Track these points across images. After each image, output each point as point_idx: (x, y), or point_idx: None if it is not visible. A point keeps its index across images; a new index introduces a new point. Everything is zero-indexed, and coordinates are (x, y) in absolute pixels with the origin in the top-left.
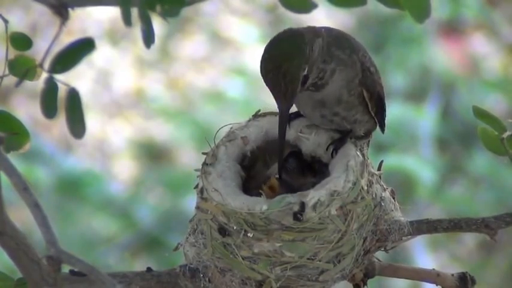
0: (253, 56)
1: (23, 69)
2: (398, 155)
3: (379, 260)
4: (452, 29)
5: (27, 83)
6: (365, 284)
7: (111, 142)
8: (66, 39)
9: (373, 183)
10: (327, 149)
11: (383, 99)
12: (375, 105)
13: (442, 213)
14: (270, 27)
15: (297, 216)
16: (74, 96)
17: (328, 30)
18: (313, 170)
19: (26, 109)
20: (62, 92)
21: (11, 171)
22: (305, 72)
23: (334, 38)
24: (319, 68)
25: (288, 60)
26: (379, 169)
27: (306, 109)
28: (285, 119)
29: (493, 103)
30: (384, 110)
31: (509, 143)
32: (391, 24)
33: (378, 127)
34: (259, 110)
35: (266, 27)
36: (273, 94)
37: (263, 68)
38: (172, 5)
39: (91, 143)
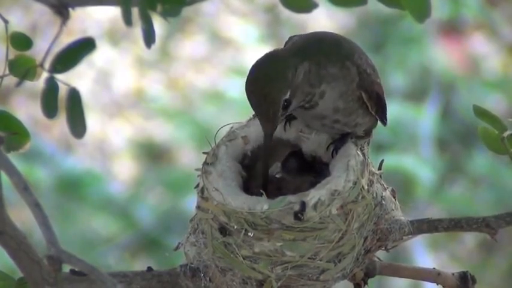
0: (253, 56)
1: (23, 69)
2: (397, 155)
3: (379, 259)
4: (452, 29)
5: (27, 83)
6: (366, 283)
7: (111, 142)
8: (66, 39)
9: (373, 182)
10: (327, 149)
11: (382, 97)
12: (374, 105)
13: (442, 213)
14: (269, 28)
15: (298, 215)
16: (74, 96)
17: (319, 40)
18: (314, 169)
19: (26, 109)
20: (62, 91)
21: (11, 171)
22: (287, 96)
23: (325, 53)
24: (305, 92)
25: (269, 83)
26: (379, 168)
27: (305, 118)
28: (269, 141)
29: (493, 103)
30: (385, 106)
31: (509, 142)
32: (391, 24)
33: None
34: None
35: (266, 28)
36: (257, 116)
37: (246, 89)
38: (172, 5)
39: (91, 143)
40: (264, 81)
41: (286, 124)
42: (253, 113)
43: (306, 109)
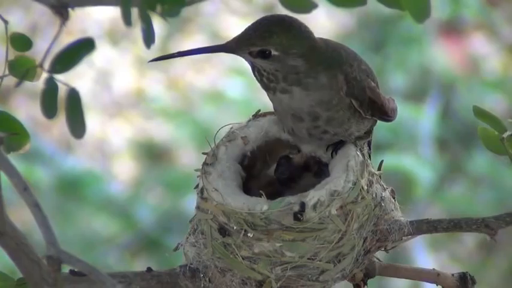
0: None
1: (23, 69)
2: (396, 155)
3: (379, 260)
4: (452, 29)
5: (27, 83)
6: (365, 284)
7: (111, 142)
8: (66, 39)
9: (373, 183)
10: (326, 150)
11: (377, 100)
12: (368, 109)
13: (442, 213)
14: None
15: (297, 216)
16: (74, 96)
17: (326, 45)
18: (309, 170)
19: (26, 109)
20: (62, 92)
21: (11, 171)
22: (274, 52)
23: (326, 61)
24: (276, 71)
25: (283, 30)
26: (379, 169)
27: (287, 121)
28: (219, 49)
29: (493, 103)
30: (382, 107)
31: (509, 142)
32: (391, 24)
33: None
34: (259, 110)
35: None
36: (240, 34)
37: (268, 15)
38: (172, 5)
39: (91, 143)
40: (282, 26)
41: None
42: (253, 113)
43: (261, 84)
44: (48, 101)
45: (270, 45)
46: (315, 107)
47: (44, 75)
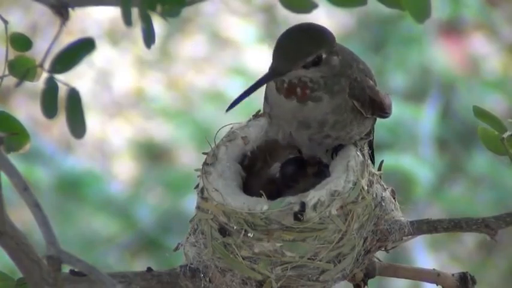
0: (252, 56)
1: (23, 69)
2: (396, 155)
3: (379, 260)
4: (452, 29)
5: (27, 83)
6: (365, 284)
7: (111, 142)
8: (66, 39)
9: (373, 183)
10: (326, 151)
11: (376, 98)
12: (369, 108)
13: (442, 213)
14: (269, 28)
15: (298, 216)
16: (74, 96)
17: (342, 51)
18: (309, 165)
19: (26, 109)
20: (62, 92)
21: (11, 171)
22: (324, 54)
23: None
24: (321, 78)
25: (322, 33)
26: (379, 169)
27: (288, 127)
28: (269, 78)
29: (493, 103)
30: (381, 104)
31: (509, 142)
32: (391, 24)
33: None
34: (259, 110)
35: (266, 28)
36: (280, 52)
37: (297, 25)
38: (172, 5)
39: (91, 143)
40: (317, 30)
41: None
42: (253, 113)
43: (300, 96)
44: (48, 101)
45: (322, 49)
46: (328, 113)
47: (44, 75)
